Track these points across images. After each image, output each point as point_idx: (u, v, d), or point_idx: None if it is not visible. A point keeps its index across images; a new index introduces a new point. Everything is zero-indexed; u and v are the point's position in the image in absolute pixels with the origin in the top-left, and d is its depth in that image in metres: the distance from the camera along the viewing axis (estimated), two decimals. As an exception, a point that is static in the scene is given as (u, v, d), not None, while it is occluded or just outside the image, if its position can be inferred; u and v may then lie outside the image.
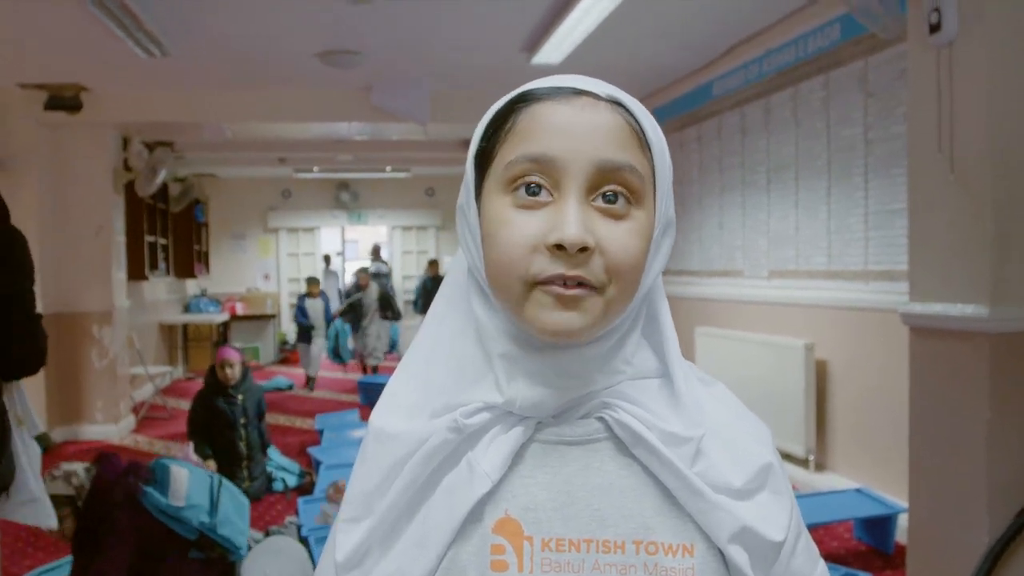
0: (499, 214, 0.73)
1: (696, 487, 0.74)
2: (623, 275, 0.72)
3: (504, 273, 0.72)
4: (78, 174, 7.36)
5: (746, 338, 5.73)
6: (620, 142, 0.73)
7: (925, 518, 3.18)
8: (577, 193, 0.71)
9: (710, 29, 5.61)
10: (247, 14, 5.18)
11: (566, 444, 0.77)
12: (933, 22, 2.97)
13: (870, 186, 4.64)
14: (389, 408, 0.81)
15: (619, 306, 0.73)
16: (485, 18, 5.34)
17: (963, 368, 2.97)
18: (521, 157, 0.72)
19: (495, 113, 0.77)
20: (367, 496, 0.78)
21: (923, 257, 3.17)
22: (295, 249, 14.05)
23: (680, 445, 0.75)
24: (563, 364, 0.74)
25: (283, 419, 8.29)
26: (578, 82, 0.75)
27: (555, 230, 0.70)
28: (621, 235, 0.72)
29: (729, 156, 6.26)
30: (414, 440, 0.76)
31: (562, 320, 0.70)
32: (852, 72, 4.75)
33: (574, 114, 0.73)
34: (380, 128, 8.92)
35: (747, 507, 0.75)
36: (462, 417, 0.75)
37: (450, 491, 0.75)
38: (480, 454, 0.75)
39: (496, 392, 0.75)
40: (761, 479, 0.78)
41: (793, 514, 0.79)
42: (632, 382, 0.78)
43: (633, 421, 0.75)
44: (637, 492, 0.76)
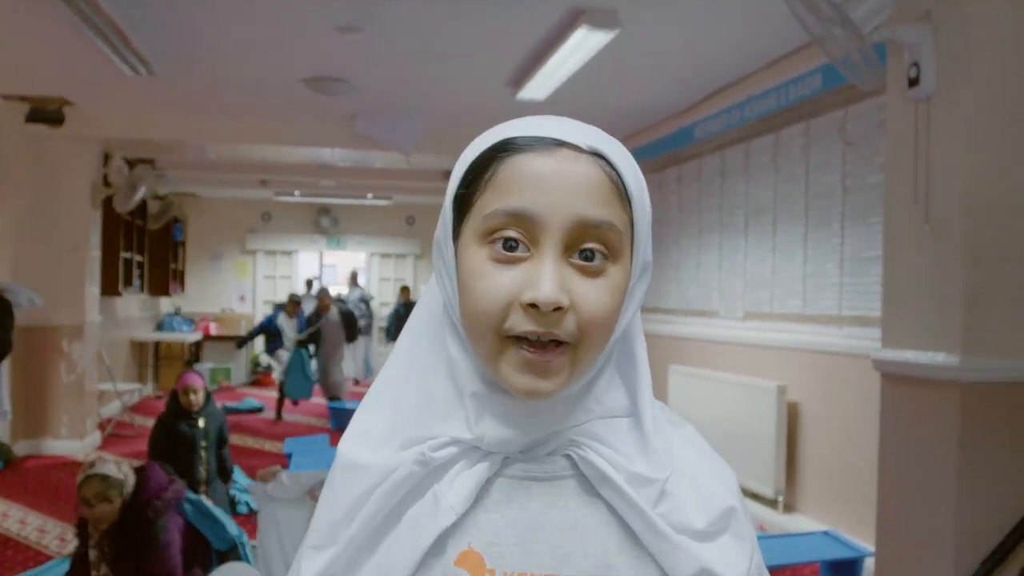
0: (476, 266, 0.73)
1: (659, 528, 0.74)
2: (594, 332, 0.72)
3: (478, 325, 0.73)
4: (57, 187, 7.31)
5: (719, 378, 5.76)
6: (600, 198, 0.73)
7: (891, 563, 3.20)
8: (554, 251, 0.71)
9: (694, 73, 5.70)
10: (236, 37, 5.20)
11: (532, 480, 0.77)
12: (912, 76, 3.04)
13: (846, 233, 4.71)
14: (358, 437, 0.81)
15: (588, 361, 0.74)
16: (472, 52, 5.39)
17: (933, 415, 3.00)
18: (500, 211, 0.72)
19: (475, 160, 0.76)
20: (333, 525, 0.78)
21: (896, 305, 3.22)
22: (272, 272, 13.99)
23: (646, 486, 0.75)
24: (533, 407, 0.75)
25: (252, 441, 8.22)
26: (561, 131, 0.74)
27: (530, 288, 0.70)
28: (595, 293, 0.72)
29: (708, 198, 6.33)
30: (381, 471, 0.76)
31: (532, 384, 0.71)
32: (832, 121, 4.83)
33: (555, 168, 0.72)
34: (363, 155, 8.96)
35: (708, 549, 0.76)
36: (429, 451, 0.75)
37: (414, 523, 0.75)
38: (446, 487, 0.75)
39: (465, 428, 0.76)
40: (724, 522, 0.78)
41: (754, 559, 0.79)
42: (601, 421, 0.78)
43: (600, 460, 0.76)
44: (600, 530, 0.76)
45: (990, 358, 2.90)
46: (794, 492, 5.13)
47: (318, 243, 14.14)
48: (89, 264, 7.57)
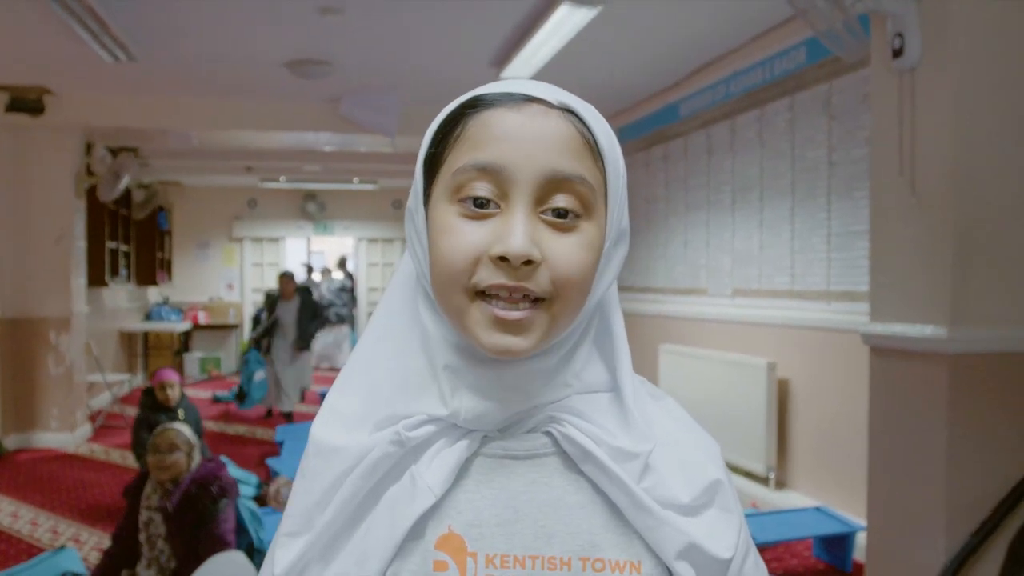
0: (444, 222, 0.71)
1: (644, 503, 0.73)
2: (569, 288, 0.70)
3: (446, 282, 0.71)
4: (39, 177, 7.24)
5: (709, 356, 5.77)
6: (571, 152, 0.71)
7: (883, 537, 3.20)
8: (524, 204, 0.70)
9: (678, 49, 5.67)
10: (215, 21, 5.14)
11: (512, 458, 0.75)
12: (896, 47, 3.02)
13: (833, 208, 4.70)
14: (330, 419, 0.79)
15: (565, 320, 0.72)
16: (455, 32, 5.35)
17: (922, 388, 3.00)
18: (468, 165, 0.70)
19: (444, 118, 0.75)
20: (307, 511, 0.76)
21: (884, 278, 3.21)
22: (260, 259, 13.93)
23: (628, 460, 0.74)
24: (508, 378, 0.73)
25: (243, 429, 8.20)
26: (530, 88, 0.73)
27: (499, 241, 0.68)
28: (568, 248, 0.70)
29: (695, 175, 6.31)
30: (356, 453, 0.74)
31: (504, 342, 0.69)
32: (817, 95, 4.81)
33: (524, 121, 0.71)
34: (348, 139, 8.90)
35: (695, 523, 0.74)
36: (405, 430, 0.73)
37: (392, 506, 0.73)
38: (424, 468, 0.73)
39: (440, 404, 0.73)
40: (709, 495, 0.77)
41: (742, 532, 0.78)
42: (581, 396, 0.76)
43: (581, 436, 0.74)
44: (584, 508, 0.74)
45: (978, 329, 2.90)
46: (785, 469, 5.15)
47: (305, 229, 14.08)
48: (74, 255, 7.51)
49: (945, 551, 2.89)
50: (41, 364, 7.34)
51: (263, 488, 5.59)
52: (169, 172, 11.62)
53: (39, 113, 6.89)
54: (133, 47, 5.41)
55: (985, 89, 2.91)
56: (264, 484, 5.67)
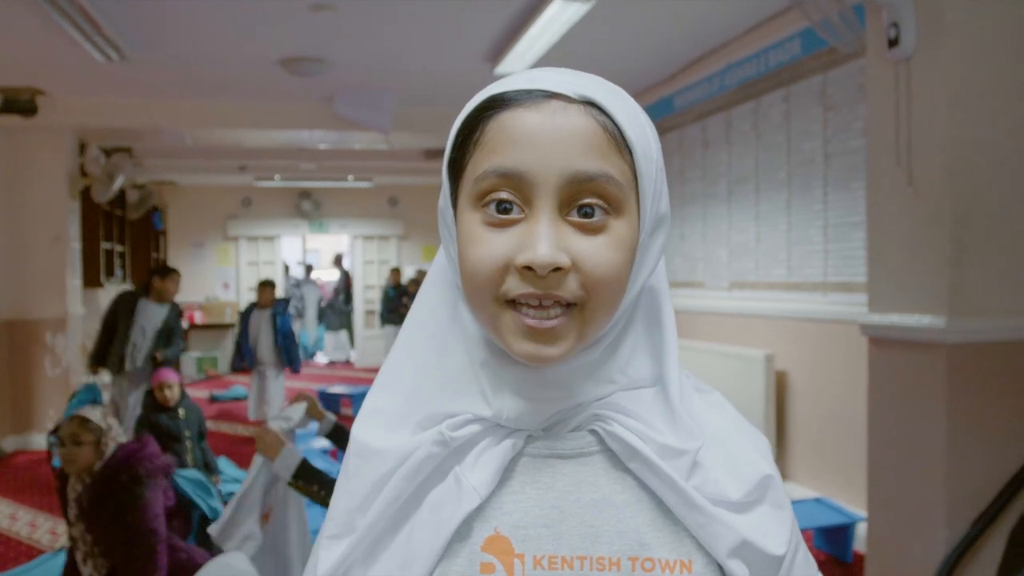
0: (470, 232, 0.70)
1: (694, 501, 0.71)
2: (601, 291, 0.69)
3: (475, 292, 0.70)
4: (33, 179, 7.23)
5: (707, 349, 5.76)
6: (594, 149, 0.68)
7: (883, 527, 3.20)
8: (549, 209, 0.68)
9: (672, 43, 5.66)
10: (208, 19, 5.12)
11: (557, 458, 0.74)
12: (892, 37, 3.01)
13: (829, 199, 4.69)
14: (371, 420, 0.77)
15: (599, 322, 0.70)
16: (449, 27, 5.34)
17: (921, 378, 3.00)
18: (489, 172, 0.69)
19: (464, 119, 0.73)
20: (349, 513, 0.75)
21: (881, 268, 3.21)
22: (255, 258, 13.90)
23: (676, 458, 0.72)
24: (547, 376, 0.72)
25: (241, 429, 8.19)
26: (549, 81, 0.71)
27: (525, 250, 0.67)
28: (598, 249, 0.68)
29: (690, 168, 6.30)
30: (399, 454, 0.73)
31: (535, 351, 0.68)
32: (812, 86, 4.81)
33: (543, 122, 0.68)
34: (343, 137, 8.88)
35: (747, 520, 0.73)
36: (448, 430, 0.72)
37: (436, 508, 0.72)
38: (468, 468, 0.72)
39: (483, 403, 0.73)
40: (761, 491, 0.75)
41: (793, 528, 0.77)
42: (626, 392, 0.75)
43: (627, 434, 0.73)
44: (632, 507, 0.73)
45: (976, 318, 2.90)
46: (784, 460, 5.15)
47: (300, 227, 14.05)
48: (69, 256, 7.50)
49: (946, 540, 2.89)
50: (37, 365, 7.33)
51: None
52: (163, 172, 11.58)
53: (32, 114, 6.86)
54: (125, 47, 5.39)
55: (981, 78, 2.90)
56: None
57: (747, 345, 5.40)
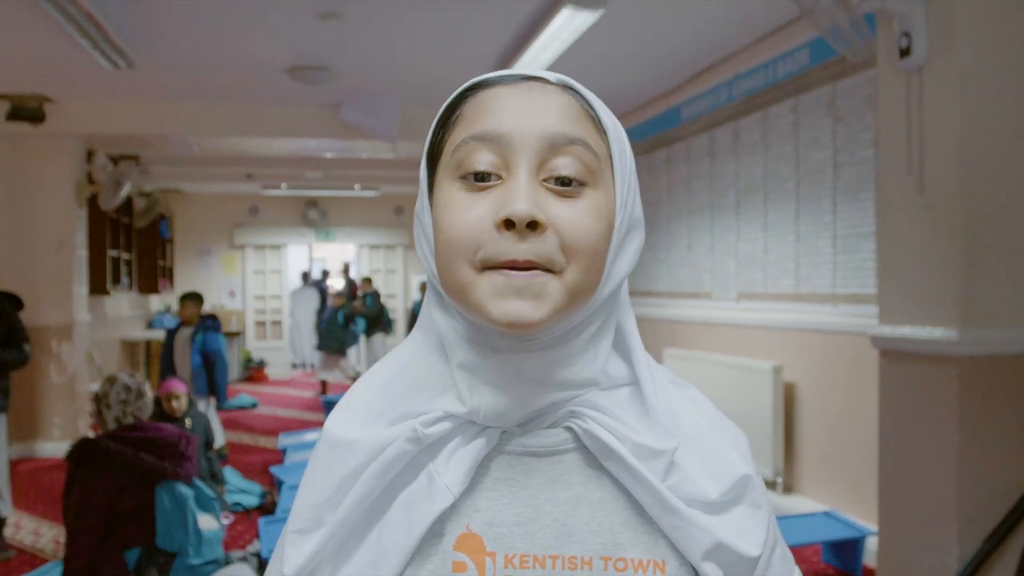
0: (447, 200, 0.69)
1: (670, 503, 0.70)
2: (581, 255, 0.67)
3: (452, 258, 0.68)
4: (40, 186, 7.24)
5: (714, 360, 5.73)
6: (571, 118, 0.70)
7: (894, 542, 3.17)
8: (527, 170, 0.67)
9: (680, 53, 5.64)
10: (215, 27, 5.12)
11: (532, 455, 0.73)
12: (903, 47, 2.99)
13: (838, 210, 4.66)
14: (345, 415, 0.77)
15: (582, 293, 0.68)
16: (456, 37, 5.33)
17: (932, 391, 2.97)
18: (468, 137, 0.69)
19: (444, 106, 0.74)
20: (318, 507, 0.73)
21: (892, 280, 3.18)
22: (262, 266, 13.91)
23: (653, 458, 0.71)
24: (526, 369, 0.70)
25: (246, 438, 8.18)
26: (528, 70, 0.73)
27: (503, 206, 0.66)
28: (576, 214, 0.68)
29: (698, 179, 6.28)
30: (370, 449, 0.71)
31: (514, 310, 0.65)
32: (820, 97, 4.78)
33: (521, 95, 0.70)
34: (349, 146, 8.88)
35: (722, 522, 0.72)
36: (422, 426, 0.70)
37: (408, 506, 0.71)
38: (441, 466, 0.71)
39: (458, 404, 0.71)
40: (738, 491, 0.74)
41: (770, 526, 0.75)
42: (601, 391, 0.74)
43: (603, 432, 0.71)
44: (606, 506, 0.72)
45: (988, 331, 2.87)
46: (793, 473, 5.11)
47: (307, 236, 14.07)
48: (76, 263, 7.50)
49: (957, 557, 2.86)
50: (43, 373, 7.31)
51: (266, 497, 5.57)
52: (170, 180, 11.60)
53: (39, 121, 6.86)
54: (133, 54, 5.39)
55: (993, 88, 2.88)
56: (267, 492, 5.64)
57: (755, 357, 5.36)
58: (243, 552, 4.39)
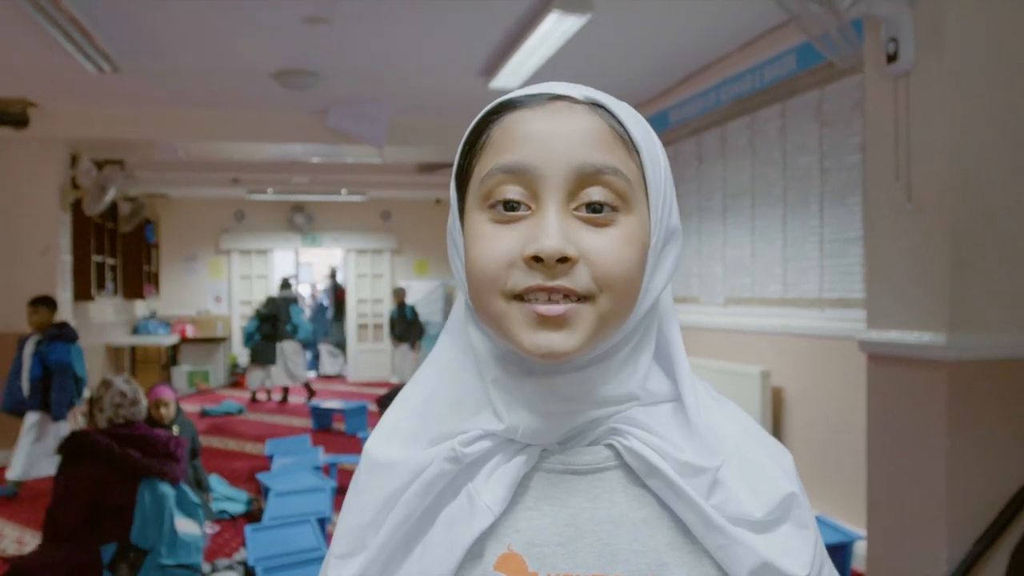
0: (477, 230, 0.69)
1: (714, 522, 0.69)
2: (614, 284, 0.66)
3: (482, 289, 0.68)
4: (24, 191, 7.18)
5: (702, 365, 5.73)
6: (601, 145, 0.68)
7: (883, 546, 3.16)
8: (556, 202, 0.66)
9: (667, 57, 5.65)
10: (201, 31, 5.10)
11: (572, 473, 0.72)
12: (890, 52, 3.00)
13: (825, 214, 4.67)
14: (384, 436, 0.77)
15: (615, 319, 0.68)
16: (443, 42, 5.32)
17: (921, 395, 2.97)
18: (495, 169, 0.68)
19: (471, 128, 0.73)
20: (360, 530, 0.73)
21: (880, 285, 3.18)
22: (248, 271, 13.84)
23: (696, 476, 0.70)
24: (560, 388, 0.69)
25: (232, 444, 8.12)
26: (554, 87, 0.71)
27: (532, 241, 0.65)
28: (608, 243, 0.67)
29: (685, 183, 6.28)
30: (410, 470, 0.71)
31: (546, 342, 0.65)
32: (808, 101, 4.79)
33: (548, 119, 0.68)
34: (336, 150, 8.85)
35: (768, 541, 0.71)
36: (460, 446, 0.70)
37: (449, 525, 0.70)
38: (480, 485, 0.70)
39: (496, 421, 0.70)
40: (783, 510, 0.73)
41: (817, 548, 0.74)
42: (643, 407, 0.73)
43: (646, 449, 0.71)
44: (650, 525, 0.71)
45: (977, 335, 2.87)
46: (780, 477, 5.10)
47: (293, 241, 14.00)
48: (60, 269, 7.44)
49: (947, 560, 2.86)
50: (27, 380, 7.23)
51: (253, 504, 5.53)
52: (155, 184, 11.53)
53: (23, 126, 6.81)
54: (117, 58, 5.36)
55: (980, 93, 2.89)
56: (253, 499, 5.60)
57: (743, 361, 5.37)
58: (229, 560, 4.36)
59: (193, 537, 3.69)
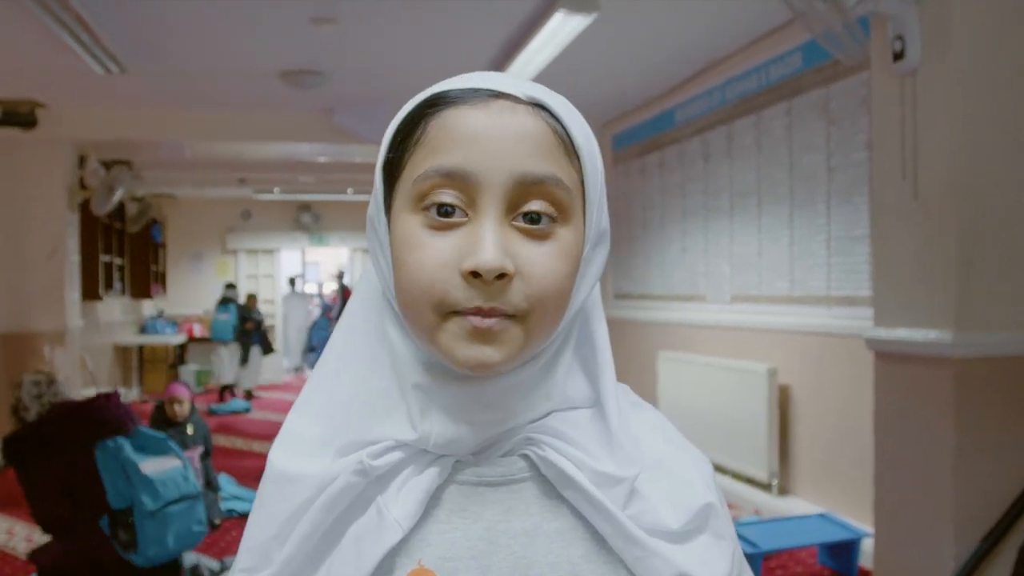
0: (409, 236, 0.65)
1: (631, 534, 0.68)
2: (545, 302, 0.65)
3: (415, 301, 0.65)
4: (32, 192, 7.21)
5: (709, 363, 5.73)
6: (543, 152, 0.65)
7: (890, 543, 3.17)
8: (495, 212, 0.64)
9: (673, 55, 5.65)
10: (208, 32, 5.12)
11: (487, 485, 0.70)
12: (897, 49, 3.00)
13: (832, 213, 4.67)
14: (289, 444, 0.73)
15: (541, 334, 0.67)
16: (449, 41, 5.33)
17: (928, 393, 2.97)
18: (431, 171, 0.64)
19: (403, 119, 0.69)
20: (264, 544, 0.71)
21: (887, 282, 3.18)
22: (254, 271, 13.88)
23: (613, 486, 0.68)
24: (484, 395, 0.67)
25: (240, 443, 8.15)
26: (495, 82, 0.67)
27: (470, 255, 0.63)
28: (544, 258, 0.65)
29: (691, 182, 6.28)
30: (316, 483, 0.68)
31: (479, 354, 0.64)
32: (814, 100, 4.79)
33: (490, 120, 0.65)
34: (342, 150, 8.87)
35: (685, 552, 0.69)
36: (369, 458, 0.67)
37: (357, 541, 0.68)
38: (391, 499, 0.68)
39: (409, 427, 0.68)
40: (701, 520, 0.71)
41: (735, 558, 0.73)
42: (560, 414, 0.71)
43: (561, 460, 0.69)
44: (565, 537, 0.70)
45: (983, 333, 2.87)
46: (788, 475, 5.11)
47: (300, 240, 14.04)
48: (68, 268, 7.47)
49: (954, 557, 2.86)
50: (36, 379, 7.27)
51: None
52: (162, 185, 11.57)
53: (31, 127, 6.83)
54: (125, 59, 5.38)
55: (987, 91, 2.89)
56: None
57: (749, 359, 5.37)
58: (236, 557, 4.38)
59: (168, 472, 3.61)
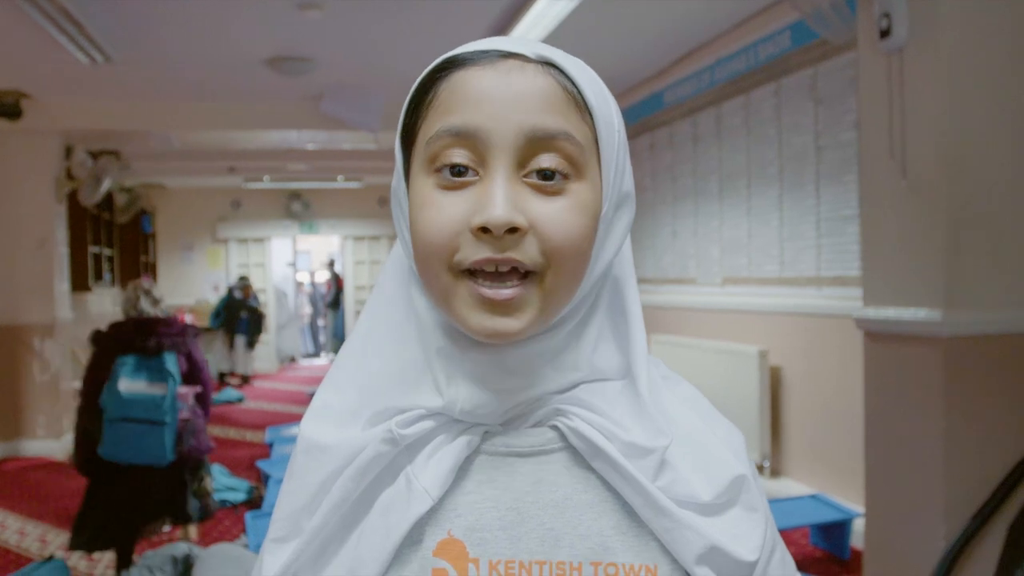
0: (423, 197, 0.66)
1: (661, 504, 0.67)
2: (563, 257, 0.64)
3: (428, 260, 0.65)
4: (18, 183, 7.16)
5: (700, 345, 5.74)
6: (553, 107, 0.65)
7: (881, 523, 3.18)
8: (505, 168, 0.64)
9: (661, 37, 5.62)
10: (193, 19, 5.07)
11: (516, 456, 0.70)
12: (883, 27, 2.98)
13: (821, 193, 4.67)
14: (319, 415, 0.73)
15: (562, 294, 0.66)
16: (434, 27, 5.30)
17: (917, 372, 2.97)
18: (441, 131, 0.65)
19: (417, 85, 0.70)
20: (296, 514, 0.71)
21: (876, 262, 3.18)
22: (245, 260, 13.84)
23: (643, 457, 0.67)
24: (506, 361, 0.67)
25: (233, 432, 8.14)
26: (505, 44, 0.67)
27: (479, 211, 0.62)
28: (558, 213, 0.64)
29: (681, 164, 6.27)
30: (346, 452, 0.69)
31: (492, 324, 0.64)
32: (802, 80, 4.78)
33: (499, 79, 0.65)
34: (332, 137, 8.83)
35: (716, 524, 0.68)
36: (398, 427, 0.67)
37: (386, 510, 0.68)
38: (419, 468, 0.68)
39: (437, 395, 0.68)
40: (732, 493, 0.70)
41: (768, 530, 0.72)
42: (589, 385, 0.70)
43: (591, 430, 0.68)
44: (595, 508, 0.69)
45: (972, 311, 2.87)
46: (780, 456, 5.13)
47: (290, 228, 14.00)
48: (57, 260, 7.43)
49: (945, 536, 2.87)
50: (26, 372, 7.26)
51: (254, 492, 5.55)
52: (151, 174, 11.51)
53: (16, 118, 6.79)
54: (110, 48, 5.34)
55: (974, 69, 2.88)
56: (254, 487, 5.62)
57: (740, 341, 5.37)
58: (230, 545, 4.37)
59: (145, 395, 3.75)
